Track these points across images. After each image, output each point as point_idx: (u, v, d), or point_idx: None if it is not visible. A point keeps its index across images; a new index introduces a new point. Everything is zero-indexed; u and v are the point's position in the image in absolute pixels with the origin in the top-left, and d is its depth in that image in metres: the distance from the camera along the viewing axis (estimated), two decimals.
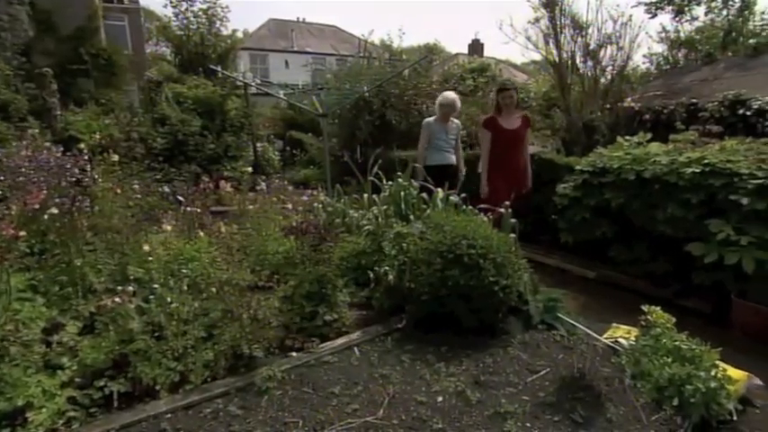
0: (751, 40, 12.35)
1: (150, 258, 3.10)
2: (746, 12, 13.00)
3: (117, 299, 2.47)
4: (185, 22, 15.61)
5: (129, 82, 14.92)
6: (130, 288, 2.63)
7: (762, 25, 13.23)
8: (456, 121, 5.18)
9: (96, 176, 3.60)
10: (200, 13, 15.63)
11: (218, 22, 16.18)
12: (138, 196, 4.14)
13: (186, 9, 15.44)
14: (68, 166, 3.29)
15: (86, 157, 3.51)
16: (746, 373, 2.36)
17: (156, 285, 2.77)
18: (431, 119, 5.13)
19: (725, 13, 13.34)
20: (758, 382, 2.36)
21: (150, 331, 2.46)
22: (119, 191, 3.74)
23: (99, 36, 14.32)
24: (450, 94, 5.13)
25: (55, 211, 2.93)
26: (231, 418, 2.18)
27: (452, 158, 5.09)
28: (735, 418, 2.10)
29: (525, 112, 5.31)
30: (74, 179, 3.33)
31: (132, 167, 5.37)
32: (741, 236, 3.00)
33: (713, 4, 13.47)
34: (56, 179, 3.22)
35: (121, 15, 17.31)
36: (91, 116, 8.37)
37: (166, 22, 16.48)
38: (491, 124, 4.52)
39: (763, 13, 13.30)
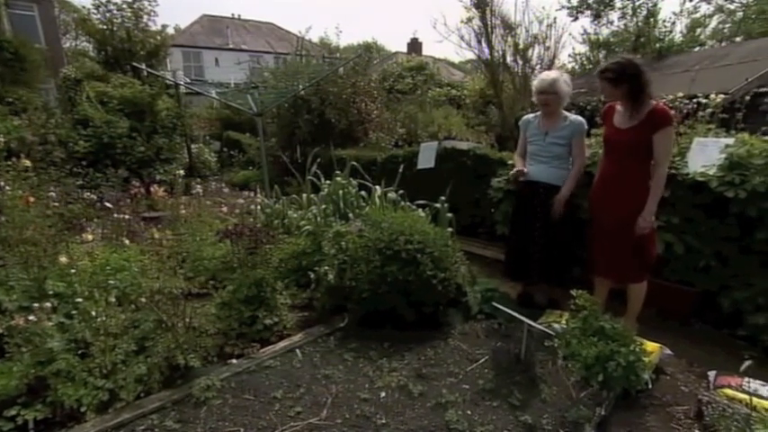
0: (657, 45, 13.67)
1: (73, 271, 2.88)
2: (652, 19, 14.33)
3: (32, 317, 2.27)
4: (108, 15, 14.47)
5: (43, 79, 13.66)
6: (48, 304, 2.42)
7: (664, 32, 14.69)
8: (571, 116, 3.17)
9: (3, 184, 3.27)
10: (123, 5, 14.55)
11: (146, 17, 15.17)
12: (57, 204, 3.82)
13: (108, 1, 14.30)
14: None
15: None
16: (659, 345, 2.60)
17: (79, 299, 2.57)
18: (530, 114, 3.39)
19: (635, 19, 14.60)
20: (669, 352, 2.61)
21: (74, 349, 2.30)
22: (32, 199, 3.43)
23: (1, 26, 13.00)
24: (548, 74, 3.17)
25: None
26: None
27: (552, 175, 3.17)
28: (650, 386, 2.32)
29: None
30: None
31: (51, 173, 4.92)
32: None
33: (625, 11, 14.73)
34: None
35: (30, 4, 15.79)
36: None
37: (85, 14, 15.19)
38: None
39: (664, 21, 14.78)
